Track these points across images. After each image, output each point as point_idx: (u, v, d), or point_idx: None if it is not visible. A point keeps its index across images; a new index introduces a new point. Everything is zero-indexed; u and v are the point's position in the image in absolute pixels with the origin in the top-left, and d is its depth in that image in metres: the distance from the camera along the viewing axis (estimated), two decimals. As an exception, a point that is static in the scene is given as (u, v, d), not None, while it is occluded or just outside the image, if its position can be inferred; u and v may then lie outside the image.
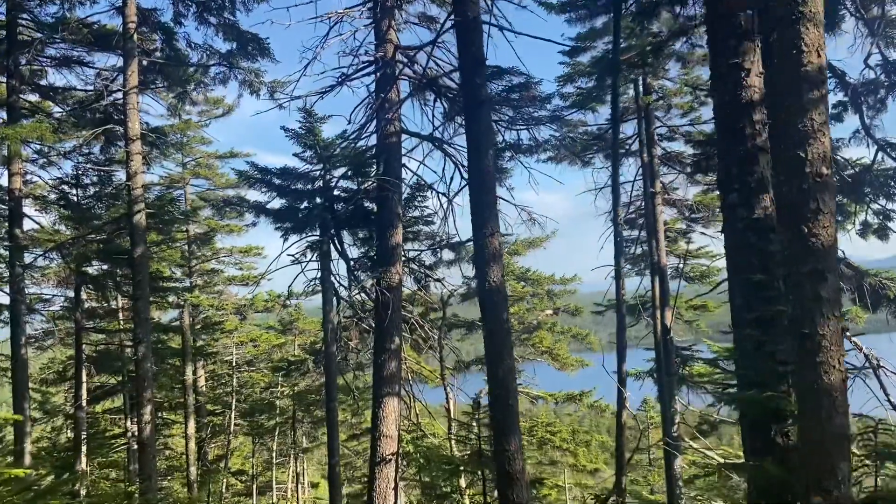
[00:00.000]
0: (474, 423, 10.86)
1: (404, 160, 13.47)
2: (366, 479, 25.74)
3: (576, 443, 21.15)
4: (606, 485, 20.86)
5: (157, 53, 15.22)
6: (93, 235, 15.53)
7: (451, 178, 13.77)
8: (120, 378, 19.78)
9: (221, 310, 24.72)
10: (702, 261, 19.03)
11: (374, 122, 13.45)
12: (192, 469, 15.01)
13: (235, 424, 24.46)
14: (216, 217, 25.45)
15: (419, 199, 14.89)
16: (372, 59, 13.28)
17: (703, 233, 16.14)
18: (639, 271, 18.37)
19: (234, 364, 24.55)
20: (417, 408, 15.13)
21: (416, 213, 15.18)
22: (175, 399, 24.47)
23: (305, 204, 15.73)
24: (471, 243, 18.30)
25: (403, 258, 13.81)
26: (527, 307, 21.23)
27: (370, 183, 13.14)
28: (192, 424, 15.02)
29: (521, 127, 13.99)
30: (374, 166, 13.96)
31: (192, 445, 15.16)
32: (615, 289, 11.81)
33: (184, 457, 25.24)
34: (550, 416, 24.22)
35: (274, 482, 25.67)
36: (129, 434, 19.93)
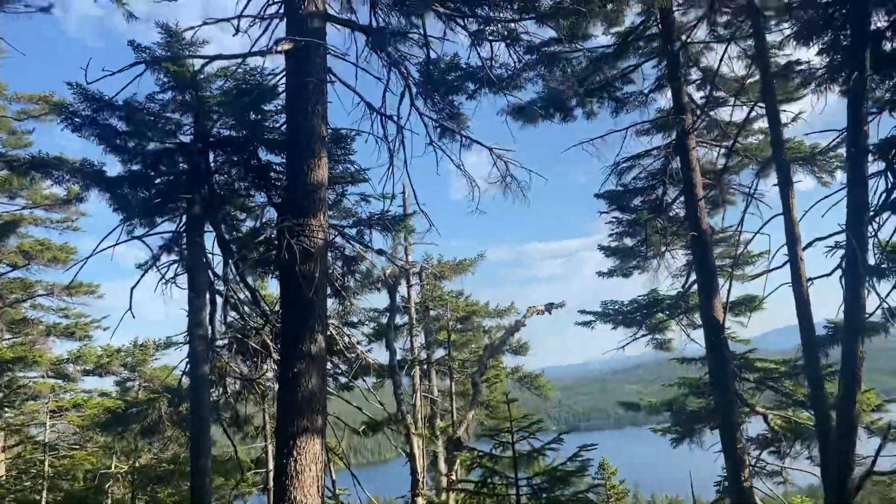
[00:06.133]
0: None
1: (331, 62, 8.70)
2: None
3: None
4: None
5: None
6: None
7: (402, 97, 9.21)
8: None
9: (34, 363, 17.85)
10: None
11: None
12: None
13: (47, 528, 17.27)
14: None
15: (344, 146, 10.10)
16: None
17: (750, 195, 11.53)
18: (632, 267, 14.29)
19: (45, 443, 17.55)
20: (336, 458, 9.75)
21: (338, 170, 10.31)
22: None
23: (164, 168, 10.71)
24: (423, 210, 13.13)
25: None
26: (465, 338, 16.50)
27: (278, 60, 8.26)
28: None
29: (496, 38, 9.86)
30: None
31: None
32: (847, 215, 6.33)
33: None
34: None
35: None
36: None
